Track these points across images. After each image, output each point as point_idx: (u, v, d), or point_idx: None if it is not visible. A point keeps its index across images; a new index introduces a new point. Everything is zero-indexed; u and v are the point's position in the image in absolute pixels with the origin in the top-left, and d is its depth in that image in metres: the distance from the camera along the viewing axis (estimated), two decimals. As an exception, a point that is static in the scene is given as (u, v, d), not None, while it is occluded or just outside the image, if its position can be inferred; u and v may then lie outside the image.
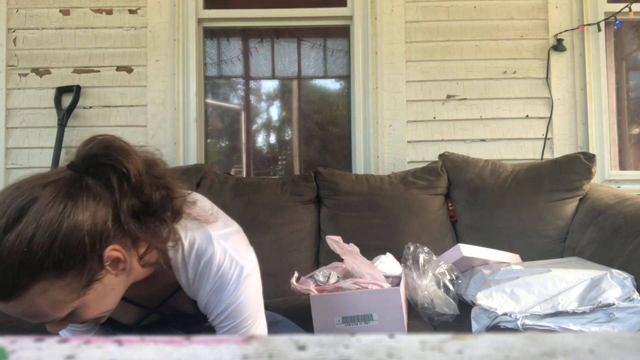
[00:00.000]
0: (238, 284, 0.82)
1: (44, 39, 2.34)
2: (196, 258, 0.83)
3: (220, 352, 0.22)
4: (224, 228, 0.89)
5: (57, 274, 0.66)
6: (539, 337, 0.23)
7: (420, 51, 2.35)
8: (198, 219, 0.84)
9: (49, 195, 0.66)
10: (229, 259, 0.83)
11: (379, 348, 0.22)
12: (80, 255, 0.67)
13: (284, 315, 1.20)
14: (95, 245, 0.68)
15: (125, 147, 0.74)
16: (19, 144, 2.31)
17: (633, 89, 2.52)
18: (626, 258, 1.44)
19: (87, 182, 0.70)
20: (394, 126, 2.32)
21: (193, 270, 0.83)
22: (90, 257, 0.68)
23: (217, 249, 0.82)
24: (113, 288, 0.74)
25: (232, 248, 0.84)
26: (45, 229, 0.64)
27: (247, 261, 0.85)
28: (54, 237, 0.65)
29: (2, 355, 0.22)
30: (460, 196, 2.00)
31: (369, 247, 1.64)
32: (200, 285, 0.84)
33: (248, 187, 1.98)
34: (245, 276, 0.83)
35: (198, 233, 0.84)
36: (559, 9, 2.35)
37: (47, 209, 0.65)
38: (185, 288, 0.86)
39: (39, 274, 0.65)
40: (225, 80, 2.56)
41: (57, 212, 0.65)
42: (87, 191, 0.69)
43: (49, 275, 0.66)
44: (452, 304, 1.42)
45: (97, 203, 0.69)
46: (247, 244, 0.91)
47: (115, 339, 0.23)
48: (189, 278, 0.84)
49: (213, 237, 0.84)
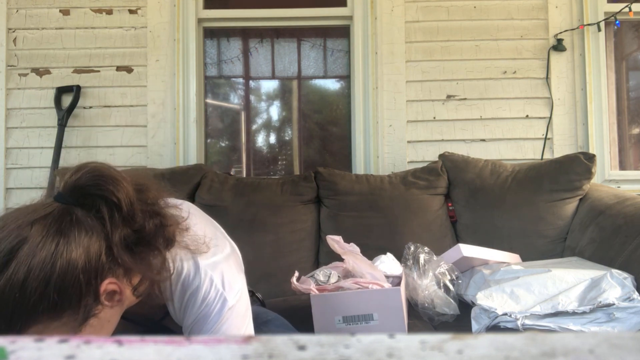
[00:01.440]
0: (220, 317, 0.80)
1: (44, 39, 2.34)
2: (182, 289, 0.81)
3: (220, 352, 0.22)
4: (213, 256, 0.85)
5: (53, 316, 0.63)
6: (539, 337, 0.23)
7: (420, 51, 2.35)
8: (189, 247, 0.82)
9: (39, 233, 0.63)
10: (214, 290, 0.81)
11: (379, 348, 0.22)
12: (76, 293, 0.64)
13: (283, 315, 1.20)
14: (91, 282, 0.66)
15: (115, 176, 0.71)
16: (19, 144, 2.31)
17: (633, 89, 2.52)
18: (626, 258, 1.44)
19: (77, 215, 0.67)
20: (394, 126, 2.32)
21: (179, 301, 0.82)
22: (87, 294, 0.65)
23: (204, 280, 0.80)
24: (109, 320, 0.72)
25: (219, 278, 0.82)
26: (38, 272, 0.61)
27: (231, 294, 0.82)
28: (47, 279, 0.61)
29: (2, 355, 0.22)
30: (460, 196, 2.00)
31: (369, 247, 1.64)
32: (185, 315, 0.82)
33: (248, 187, 1.98)
34: (227, 309, 0.81)
35: (187, 263, 0.82)
36: (559, 9, 2.35)
37: (38, 249, 0.62)
38: (173, 316, 0.85)
39: (33, 319, 0.62)
40: (225, 80, 2.56)
41: (49, 252, 0.62)
42: (78, 225, 0.66)
43: (44, 319, 0.62)
44: (453, 304, 1.42)
45: (89, 237, 0.66)
46: (236, 270, 0.87)
47: (115, 339, 0.23)
48: (175, 307, 0.83)
49: (201, 268, 0.81)
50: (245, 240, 0.92)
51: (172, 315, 0.85)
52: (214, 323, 0.81)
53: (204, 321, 0.81)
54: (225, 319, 0.82)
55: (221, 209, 1.89)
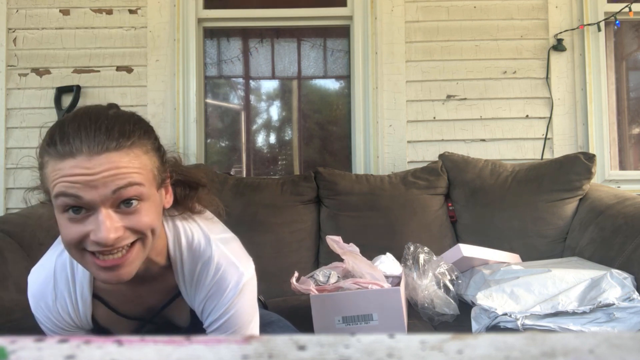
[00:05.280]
0: (236, 292, 0.81)
1: (44, 39, 2.34)
2: (192, 259, 0.82)
3: (220, 352, 0.22)
4: (224, 232, 0.88)
5: (155, 147, 0.75)
6: (539, 337, 0.23)
7: (420, 51, 2.35)
8: (201, 223, 0.85)
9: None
10: (228, 263, 0.81)
11: (379, 348, 0.22)
12: (162, 148, 0.79)
13: (283, 315, 1.20)
14: (164, 155, 0.79)
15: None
16: (19, 144, 2.31)
17: (633, 89, 2.52)
18: (626, 258, 1.44)
19: None
20: (394, 126, 2.32)
21: (190, 273, 0.82)
22: (165, 160, 0.79)
23: (215, 252, 0.82)
24: (158, 209, 0.76)
25: (232, 253, 0.83)
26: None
27: (247, 267, 0.83)
28: (147, 121, 0.78)
29: (2, 355, 0.22)
30: (460, 196, 2.00)
31: (369, 247, 1.64)
32: (197, 290, 0.82)
33: (248, 187, 1.98)
34: (244, 283, 0.81)
35: (197, 234, 0.83)
36: (559, 9, 2.35)
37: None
38: (183, 292, 0.85)
39: (147, 133, 0.74)
40: (225, 80, 2.56)
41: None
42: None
43: (152, 140, 0.75)
44: (452, 304, 1.42)
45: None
46: (246, 252, 0.89)
47: (116, 339, 0.23)
48: (185, 282, 0.83)
49: (212, 240, 0.83)
50: (245, 240, 0.92)
51: (183, 293, 0.85)
52: (229, 299, 0.81)
53: (218, 296, 0.81)
54: (242, 294, 0.81)
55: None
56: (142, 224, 0.71)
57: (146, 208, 0.71)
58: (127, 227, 0.70)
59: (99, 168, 0.66)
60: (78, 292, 0.83)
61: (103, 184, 0.67)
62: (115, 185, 0.67)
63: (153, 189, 0.73)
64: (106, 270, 0.71)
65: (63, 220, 0.69)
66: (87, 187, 0.66)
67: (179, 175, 0.85)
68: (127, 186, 0.68)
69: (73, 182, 0.66)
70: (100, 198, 0.67)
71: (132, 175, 0.69)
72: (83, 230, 0.68)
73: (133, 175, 0.69)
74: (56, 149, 0.67)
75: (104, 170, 0.67)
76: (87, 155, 0.66)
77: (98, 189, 0.67)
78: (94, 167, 0.66)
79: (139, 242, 0.72)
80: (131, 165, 0.69)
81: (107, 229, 0.67)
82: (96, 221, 0.68)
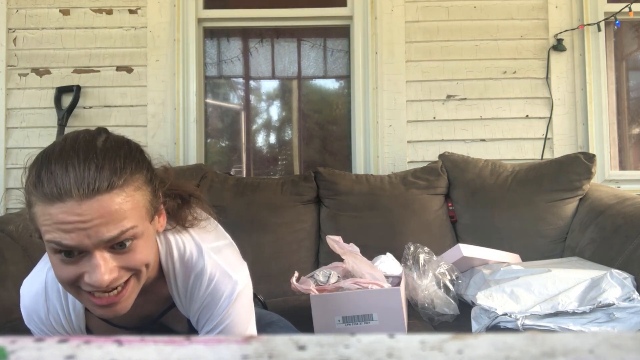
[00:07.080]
0: (230, 301, 0.80)
1: (44, 39, 2.34)
2: (185, 270, 0.81)
3: (220, 352, 0.22)
4: (216, 241, 0.86)
5: (147, 180, 0.72)
6: (539, 337, 0.23)
7: (420, 51, 2.35)
8: (192, 233, 0.84)
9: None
10: (221, 273, 0.80)
11: (379, 348, 0.22)
12: (155, 178, 0.76)
13: (284, 315, 1.20)
14: (156, 184, 0.77)
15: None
16: (19, 144, 2.31)
17: (633, 89, 2.52)
18: (626, 258, 1.44)
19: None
20: (394, 126, 2.32)
21: (183, 285, 0.81)
22: (158, 188, 0.76)
23: (208, 263, 0.80)
24: (152, 242, 0.75)
25: (225, 262, 0.82)
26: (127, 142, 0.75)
27: (241, 275, 0.82)
28: (138, 146, 0.76)
29: (2, 355, 0.22)
30: (460, 196, 2.00)
31: (369, 247, 1.64)
32: (192, 301, 0.82)
33: (248, 187, 1.98)
34: (238, 293, 0.80)
35: (189, 245, 0.82)
36: (559, 9, 2.35)
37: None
38: (177, 303, 0.84)
39: (139, 165, 0.71)
40: (225, 80, 2.56)
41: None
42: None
43: (143, 173, 0.72)
44: (452, 304, 1.42)
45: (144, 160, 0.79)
46: (239, 258, 0.88)
47: (115, 339, 0.23)
48: (180, 293, 0.82)
49: (204, 250, 0.82)
50: (245, 240, 0.92)
51: (178, 304, 0.84)
52: (224, 309, 0.80)
53: (212, 306, 0.80)
54: (236, 304, 0.81)
55: (221, 209, 1.89)
56: (137, 261, 0.70)
57: (140, 245, 0.70)
58: (122, 267, 0.69)
59: (90, 215, 0.64)
60: (70, 304, 0.82)
61: (95, 232, 0.65)
62: (108, 234, 0.66)
63: (147, 223, 0.72)
64: (103, 308, 0.70)
65: (56, 260, 0.68)
66: (79, 235, 0.64)
67: (169, 189, 0.83)
68: (119, 235, 0.67)
69: (65, 231, 0.64)
70: (93, 244, 0.65)
71: (125, 221, 0.67)
72: (77, 271, 0.67)
73: (126, 220, 0.67)
74: (43, 191, 0.64)
75: (96, 217, 0.65)
76: (77, 200, 0.64)
77: (91, 238, 0.65)
78: (84, 214, 0.64)
79: (134, 277, 0.72)
80: (124, 208, 0.67)
81: (101, 273, 0.66)
82: (90, 264, 0.66)
